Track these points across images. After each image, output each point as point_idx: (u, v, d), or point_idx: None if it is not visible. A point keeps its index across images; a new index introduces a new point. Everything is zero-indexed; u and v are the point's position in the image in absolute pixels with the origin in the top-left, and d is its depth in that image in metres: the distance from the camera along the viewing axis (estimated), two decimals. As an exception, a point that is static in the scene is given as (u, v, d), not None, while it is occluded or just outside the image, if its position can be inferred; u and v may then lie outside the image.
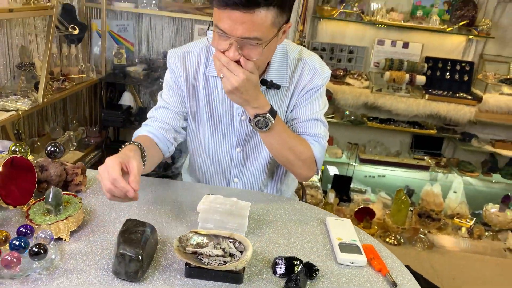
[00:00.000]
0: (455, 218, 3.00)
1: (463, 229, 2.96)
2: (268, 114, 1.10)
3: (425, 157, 3.27)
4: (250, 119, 1.14)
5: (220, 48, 1.04)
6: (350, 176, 3.26)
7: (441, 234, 2.91)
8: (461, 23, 2.90)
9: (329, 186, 3.28)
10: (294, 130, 1.25)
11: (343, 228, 1.11)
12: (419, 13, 2.93)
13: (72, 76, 2.51)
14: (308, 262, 0.94)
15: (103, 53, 2.84)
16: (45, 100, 2.11)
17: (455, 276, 2.58)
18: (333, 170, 3.37)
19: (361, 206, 2.92)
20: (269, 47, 1.06)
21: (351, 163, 3.26)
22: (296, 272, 0.89)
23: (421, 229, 2.87)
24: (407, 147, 3.40)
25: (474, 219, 3.02)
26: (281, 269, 0.92)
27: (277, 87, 1.18)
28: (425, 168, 3.19)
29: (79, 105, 2.97)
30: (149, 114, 1.30)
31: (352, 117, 3.18)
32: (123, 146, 1.06)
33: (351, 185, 3.29)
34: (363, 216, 2.83)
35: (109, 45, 2.88)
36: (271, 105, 1.12)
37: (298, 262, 0.93)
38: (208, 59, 1.24)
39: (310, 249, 1.04)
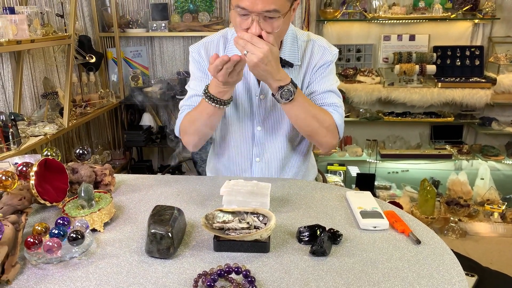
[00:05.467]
0: (485, 205, 2.94)
1: (495, 215, 2.89)
2: (291, 84, 1.18)
3: (447, 146, 3.23)
4: (273, 94, 1.20)
5: (243, 26, 1.14)
6: (373, 173, 3.25)
7: (473, 221, 2.86)
8: (464, 9, 2.92)
9: (353, 186, 3.27)
10: None
11: (363, 199, 1.13)
12: (421, 4, 2.96)
13: (93, 101, 2.63)
14: (331, 228, 0.97)
15: (121, 79, 2.97)
16: (70, 124, 2.22)
17: (492, 261, 2.52)
18: (354, 169, 3.36)
19: (388, 201, 2.89)
20: (285, 21, 1.17)
21: (372, 160, 3.25)
22: (320, 236, 0.92)
23: (452, 218, 2.82)
24: (427, 138, 3.37)
25: (506, 203, 2.95)
26: (305, 237, 0.95)
27: (290, 65, 1.30)
28: (448, 157, 3.16)
29: (102, 130, 3.09)
30: (181, 104, 1.41)
31: (368, 114, 3.19)
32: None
33: (375, 183, 3.27)
34: (390, 211, 2.81)
35: (125, 70, 3.02)
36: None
37: (321, 229, 0.96)
38: (226, 46, 1.36)
39: (333, 219, 1.07)
